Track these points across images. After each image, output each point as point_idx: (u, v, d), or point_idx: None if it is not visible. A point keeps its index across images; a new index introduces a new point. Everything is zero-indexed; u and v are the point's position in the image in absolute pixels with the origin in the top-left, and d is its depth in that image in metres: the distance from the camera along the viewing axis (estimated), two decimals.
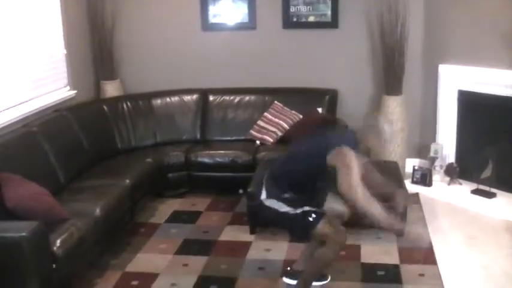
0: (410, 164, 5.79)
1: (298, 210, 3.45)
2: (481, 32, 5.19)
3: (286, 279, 3.91)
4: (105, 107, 5.71)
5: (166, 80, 6.19)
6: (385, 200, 3.42)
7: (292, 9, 5.99)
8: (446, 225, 4.80)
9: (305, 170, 3.48)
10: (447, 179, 5.55)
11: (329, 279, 3.88)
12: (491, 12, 5.09)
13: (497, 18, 5.04)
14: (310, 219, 3.43)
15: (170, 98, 6.00)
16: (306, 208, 3.45)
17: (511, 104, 5.07)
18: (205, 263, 4.23)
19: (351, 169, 3.25)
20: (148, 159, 5.25)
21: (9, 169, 3.87)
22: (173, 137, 5.84)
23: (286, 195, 3.50)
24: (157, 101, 5.96)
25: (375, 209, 3.23)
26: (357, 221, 3.55)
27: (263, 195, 3.60)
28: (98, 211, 4.04)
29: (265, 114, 5.78)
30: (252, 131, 5.75)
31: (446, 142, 5.66)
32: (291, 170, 3.56)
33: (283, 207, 3.49)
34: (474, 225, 4.76)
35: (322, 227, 3.42)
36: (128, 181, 4.65)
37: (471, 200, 5.21)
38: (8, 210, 3.51)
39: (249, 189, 4.55)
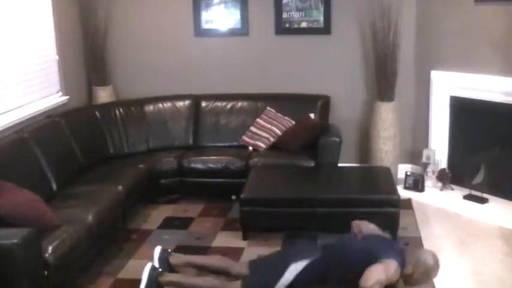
0: (403, 170, 5.80)
1: None
2: (473, 38, 5.22)
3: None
4: (97, 113, 5.69)
5: (158, 86, 6.19)
6: None
7: (285, 15, 6.00)
8: (439, 230, 4.81)
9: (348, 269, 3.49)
10: (439, 184, 5.57)
11: None
12: (482, 18, 5.12)
13: (489, 25, 5.07)
14: None
15: (163, 104, 5.99)
16: None
17: (502, 110, 5.10)
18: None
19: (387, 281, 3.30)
20: (141, 165, 5.23)
21: (1, 176, 3.84)
22: (166, 143, 5.83)
23: None
24: (150, 107, 5.95)
25: None
26: None
27: (292, 270, 3.53)
28: (90, 217, 4.02)
29: (258, 120, 5.79)
30: (244, 137, 5.75)
31: (439, 148, 5.68)
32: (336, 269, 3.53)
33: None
34: (466, 230, 4.76)
35: None
36: (120, 187, 4.64)
37: (463, 206, 5.22)
38: None
39: (241, 195, 4.55)
